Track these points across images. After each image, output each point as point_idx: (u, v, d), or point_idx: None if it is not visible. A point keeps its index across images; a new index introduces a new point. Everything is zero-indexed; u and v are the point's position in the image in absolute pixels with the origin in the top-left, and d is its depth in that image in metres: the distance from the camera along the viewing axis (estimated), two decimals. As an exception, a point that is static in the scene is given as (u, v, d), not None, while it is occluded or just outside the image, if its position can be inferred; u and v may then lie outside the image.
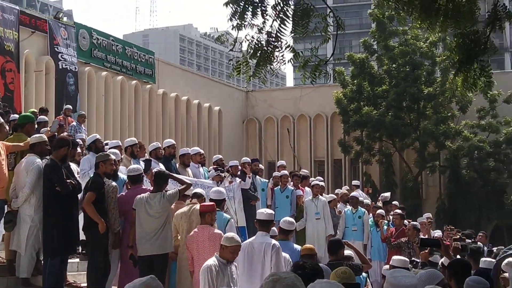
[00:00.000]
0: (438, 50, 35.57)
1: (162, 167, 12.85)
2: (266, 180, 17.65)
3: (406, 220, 17.28)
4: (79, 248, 11.99)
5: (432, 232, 17.66)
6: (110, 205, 10.55)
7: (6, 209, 10.34)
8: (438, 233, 17.72)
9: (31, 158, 10.30)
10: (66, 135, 13.54)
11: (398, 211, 17.22)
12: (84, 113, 22.41)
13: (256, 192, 16.25)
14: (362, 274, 9.90)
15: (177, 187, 11.19)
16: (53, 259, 10.01)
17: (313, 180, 17.86)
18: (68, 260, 10.90)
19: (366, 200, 19.02)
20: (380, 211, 17.35)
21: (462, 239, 14.14)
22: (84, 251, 11.86)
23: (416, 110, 35.60)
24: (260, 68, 8.38)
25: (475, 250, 12.06)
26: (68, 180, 10.08)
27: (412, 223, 16.17)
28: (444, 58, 32.71)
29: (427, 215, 19.67)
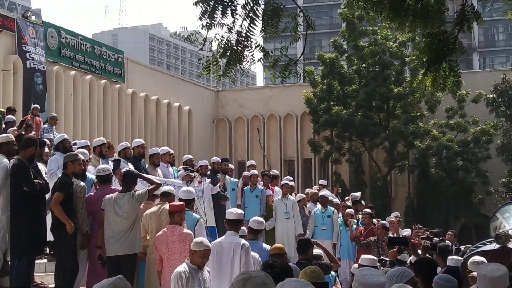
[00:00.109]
0: (407, 50, 35.77)
1: (131, 167, 12.76)
2: (236, 180, 17.63)
3: (375, 219, 17.36)
4: (47, 249, 11.88)
5: (401, 231, 17.76)
6: (78, 205, 10.47)
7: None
8: (407, 232, 17.81)
9: (-2, 158, 10.19)
10: (34, 135, 13.42)
11: (367, 210, 17.29)
12: (56, 115, 22.23)
13: (226, 192, 16.23)
14: (331, 273, 9.91)
15: (146, 187, 11.13)
16: (20, 260, 9.90)
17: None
18: (36, 261, 10.81)
19: (335, 199, 19.08)
20: (349, 210, 17.41)
21: (429, 237, 14.25)
22: (52, 252, 11.76)
23: (386, 110, 35.77)
24: (230, 68, 8.38)
25: (443, 248, 12.16)
26: (35, 180, 9.98)
27: (381, 222, 16.24)
28: (413, 58, 32.89)
29: (395, 214, 19.78)
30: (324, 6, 72.93)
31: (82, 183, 10.69)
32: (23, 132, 13.34)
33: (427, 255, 11.29)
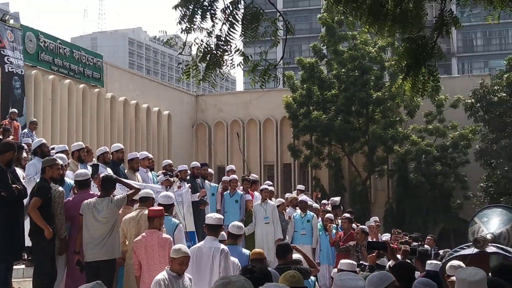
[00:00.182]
0: (386, 55, 35.94)
1: (110, 171, 12.70)
2: (216, 185, 17.61)
3: (354, 224, 17.39)
4: (25, 254, 11.79)
5: (381, 236, 17.81)
6: (56, 210, 10.40)
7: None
8: (386, 236, 17.86)
9: (-25, 163, 10.09)
10: (12, 139, 13.33)
11: (346, 215, 17.33)
12: (36, 120, 22.10)
13: (206, 197, 16.21)
14: (311, 278, 9.91)
15: (125, 192, 11.08)
16: (-3, 265, 9.82)
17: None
18: (14, 266, 10.71)
19: (315, 204, 19.10)
20: (329, 215, 17.45)
21: (408, 242, 14.30)
22: (30, 257, 11.67)
23: (365, 115, 35.90)
24: (210, 72, 8.35)
25: (422, 253, 12.21)
26: (13, 185, 9.90)
27: (361, 226, 16.27)
28: (392, 63, 33.02)
29: (374, 218, 19.83)
30: (303, 10, 73.06)
31: (61, 188, 10.63)
32: (0, 137, 13.25)
33: (407, 259, 11.32)
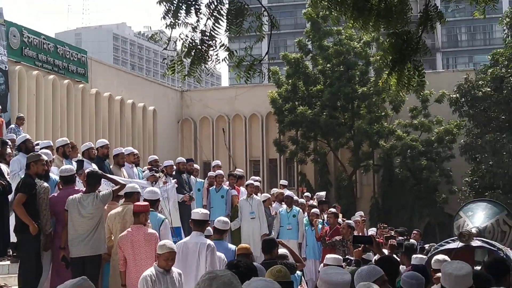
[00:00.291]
0: (371, 50, 35.98)
1: (95, 167, 12.67)
2: (202, 180, 17.60)
3: (340, 218, 17.43)
4: (10, 250, 11.75)
5: (367, 231, 17.86)
6: (41, 206, 10.36)
7: None
8: (372, 231, 17.91)
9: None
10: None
11: (332, 209, 17.36)
12: (23, 115, 21.98)
13: (192, 192, 16.20)
14: (297, 273, 9.92)
15: (110, 188, 11.05)
16: (-18, 262, 9.79)
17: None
18: (-1, 263, 10.69)
19: (301, 199, 19.15)
20: (314, 210, 17.47)
21: (393, 237, 14.38)
22: (15, 253, 11.63)
23: (350, 110, 35.94)
24: (195, 67, 8.34)
25: (408, 247, 12.32)
26: (-2, 181, 9.87)
27: (347, 221, 16.31)
28: (377, 58, 33.08)
29: (359, 213, 19.88)
30: (288, 6, 73.05)
31: (45, 184, 10.59)
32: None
33: (393, 254, 11.38)
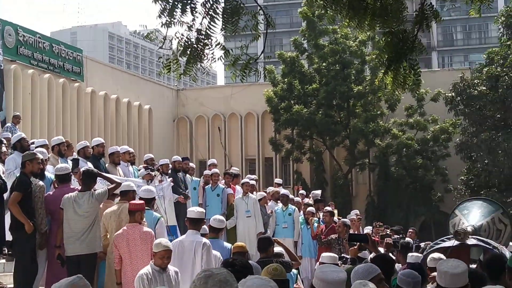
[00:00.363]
0: (367, 49, 35.98)
1: (90, 166, 12.66)
2: (198, 179, 17.60)
3: (336, 217, 17.45)
4: (5, 249, 11.74)
5: (363, 229, 17.89)
6: (37, 204, 10.36)
7: None
8: (368, 229, 17.95)
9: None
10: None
11: (328, 208, 17.38)
12: (19, 114, 21.95)
13: (187, 191, 16.20)
14: (293, 271, 9.93)
15: (106, 186, 11.04)
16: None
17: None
18: (-6, 261, 10.68)
19: (296, 198, 19.16)
20: (310, 209, 17.49)
21: (388, 235, 14.40)
22: (11, 252, 11.62)
23: (346, 109, 35.93)
24: (191, 66, 8.34)
25: (404, 245, 12.35)
26: (-7, 180, 9.86)
27: (342, 220, 16.32)
28: (373, 57, 33.06)
29: (355, 211, 19.90)
30: (284, 4, 73.03)
31: (41, 182, 10.59)
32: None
33: (389, 252, 11.39)
